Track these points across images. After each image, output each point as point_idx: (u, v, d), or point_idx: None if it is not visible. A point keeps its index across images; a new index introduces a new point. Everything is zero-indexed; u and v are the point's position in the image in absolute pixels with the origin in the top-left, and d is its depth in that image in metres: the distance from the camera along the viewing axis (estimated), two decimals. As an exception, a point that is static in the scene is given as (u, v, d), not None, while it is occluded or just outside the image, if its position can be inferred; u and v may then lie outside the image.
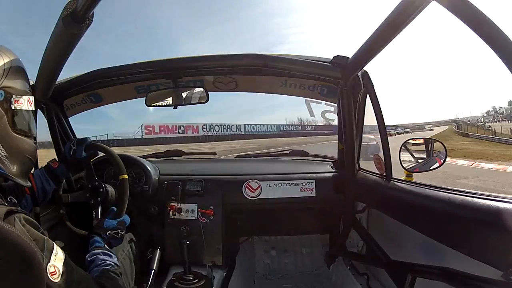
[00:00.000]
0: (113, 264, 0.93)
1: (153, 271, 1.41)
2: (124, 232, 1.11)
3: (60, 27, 0.88)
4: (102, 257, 0.94)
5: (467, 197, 0.88)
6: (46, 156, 1.32)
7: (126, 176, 1.22)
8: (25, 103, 0.83)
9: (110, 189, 1.30)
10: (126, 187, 1.21)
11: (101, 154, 1.60)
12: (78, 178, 1.56)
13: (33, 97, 0.87)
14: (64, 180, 1.34)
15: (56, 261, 0.66)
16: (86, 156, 1.22)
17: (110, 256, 0.97)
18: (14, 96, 0.79)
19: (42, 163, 1.26)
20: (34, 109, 0.89)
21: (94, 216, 1.23)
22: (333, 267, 1.83)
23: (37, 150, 1.02)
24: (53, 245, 0.68)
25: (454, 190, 0.97)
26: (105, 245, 1.01)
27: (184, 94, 1.67)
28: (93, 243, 1.01)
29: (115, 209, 1.16)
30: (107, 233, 1.06)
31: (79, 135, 1.68)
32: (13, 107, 0.79)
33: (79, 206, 1.35)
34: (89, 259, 0.93)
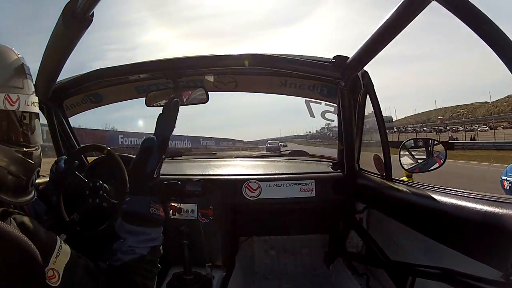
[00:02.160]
0: (145, 252, 0.77)
1: None
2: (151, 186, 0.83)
3: (60, 27, 0.88)
4: (132, 239, 0.75)
5: (467, 198, 0.88)
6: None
7: (108, 148, 1.24)
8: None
9: (107, 185, 1.28)
10: (115, 156, 1.22)
11: (91, 159, 1.59)
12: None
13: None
14: (62, 197, 1.25)
15: (56, 264, 0.63)
16: (66, 167, 1.23)
17: (146, 235, 0.79)
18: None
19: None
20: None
21: (105, 206, 1.20)
22: (333, 268, 1.82)
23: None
24: (54, 247, 0.65)
25: (454, 190, 0.97)
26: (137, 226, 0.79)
27: (184, 94, 1.67)
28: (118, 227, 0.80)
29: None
30: (150, 209, 0.82)
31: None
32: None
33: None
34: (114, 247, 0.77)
